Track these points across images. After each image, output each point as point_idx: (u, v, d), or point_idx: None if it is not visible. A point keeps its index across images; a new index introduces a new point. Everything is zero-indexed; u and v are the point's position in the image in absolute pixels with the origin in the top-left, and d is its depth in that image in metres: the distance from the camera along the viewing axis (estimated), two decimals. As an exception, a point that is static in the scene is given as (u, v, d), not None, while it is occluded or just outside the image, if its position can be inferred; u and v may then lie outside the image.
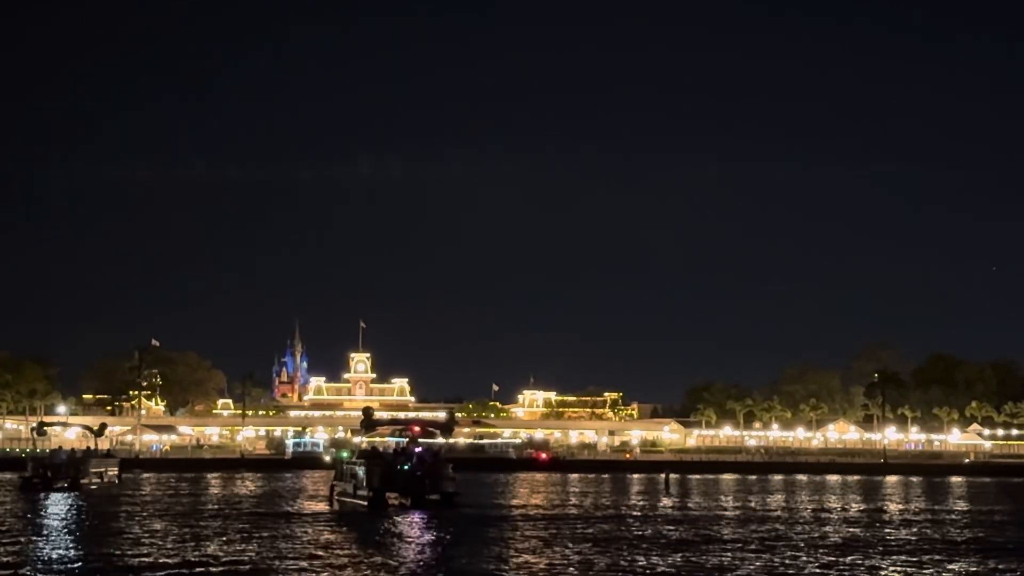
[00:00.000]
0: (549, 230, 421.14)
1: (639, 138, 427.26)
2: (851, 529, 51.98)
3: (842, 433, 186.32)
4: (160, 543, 41.46)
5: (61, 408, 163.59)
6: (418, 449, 64.25)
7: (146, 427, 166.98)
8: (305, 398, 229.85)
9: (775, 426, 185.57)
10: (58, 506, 61.65)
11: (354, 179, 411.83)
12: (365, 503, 59.67)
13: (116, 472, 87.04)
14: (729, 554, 39.90)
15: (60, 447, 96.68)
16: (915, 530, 51.68)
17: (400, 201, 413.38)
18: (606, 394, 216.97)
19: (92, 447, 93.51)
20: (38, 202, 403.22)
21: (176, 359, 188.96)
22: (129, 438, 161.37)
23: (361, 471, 61.34)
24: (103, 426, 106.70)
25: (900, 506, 71.81)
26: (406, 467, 61.40)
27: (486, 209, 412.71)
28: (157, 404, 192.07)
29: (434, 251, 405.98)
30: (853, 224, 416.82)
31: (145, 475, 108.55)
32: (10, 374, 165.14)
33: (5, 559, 36.28)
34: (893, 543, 45.06)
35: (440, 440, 70.72)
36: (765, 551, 40.95)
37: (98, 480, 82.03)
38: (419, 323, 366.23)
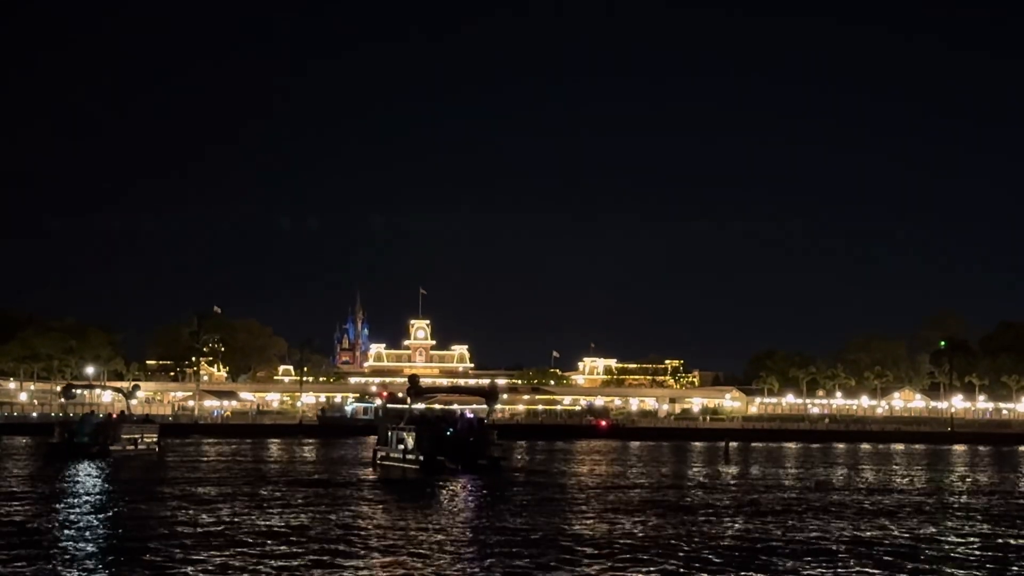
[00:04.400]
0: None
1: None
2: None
3: (907, 401, 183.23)
4: (174, 515, 37.98)
5: (90, 370, 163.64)
6: (469, 415, 65.50)
7: (207, 393, 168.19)
8: (365, 365, 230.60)
9: (839, 394, 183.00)
10: (76, 475, 56.88)
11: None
12: (416, 467, 60.85)
13: (154, 438, 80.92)
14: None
15: (93, 411, 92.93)
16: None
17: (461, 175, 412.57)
18: (667, 361, 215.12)
19: (126, 411, 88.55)
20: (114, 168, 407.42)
21: (237, 326, 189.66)
22: (191, 403, 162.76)
23: (409, 437, 62.55)
24: (135, 387, 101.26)
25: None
26: (449, 432, 63.18)
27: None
28: (219, 370, 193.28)
29: (495, 218, 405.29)
30: (920, 189, 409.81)
31: (207, 440, 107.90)
32: (75, 340, 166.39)
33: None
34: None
35: (483, 406, 71.52)
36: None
37: (131, 447, 76.69)
38: (480, 290, 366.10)
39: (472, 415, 65.86)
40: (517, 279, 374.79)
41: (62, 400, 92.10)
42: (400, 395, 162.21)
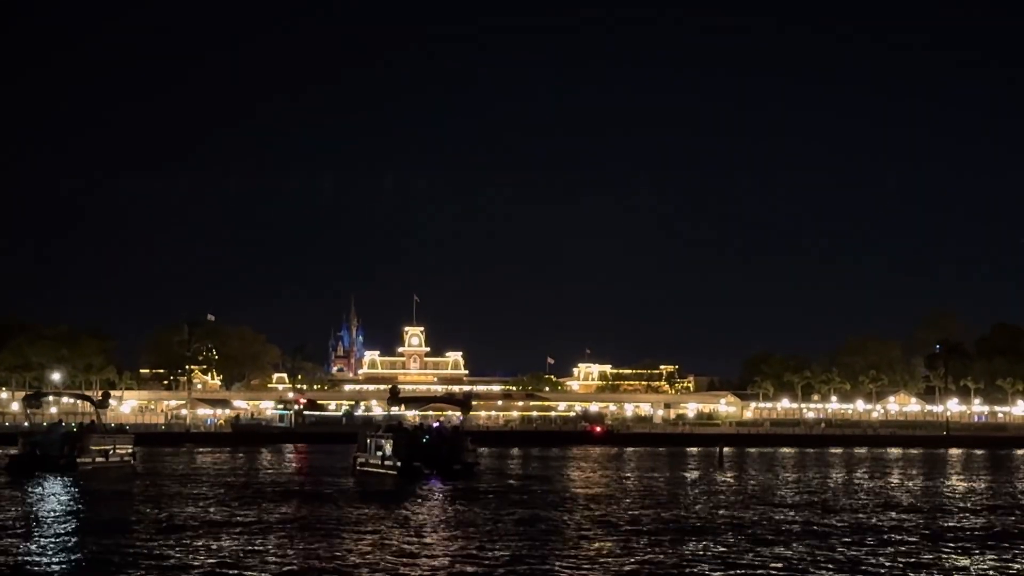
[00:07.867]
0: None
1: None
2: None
3: (903, 405, 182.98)
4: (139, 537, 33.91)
5: (56, 376, 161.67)
6: (436, 424, 68.53)
7: (200, 401, 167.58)
8: (360, 372, 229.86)
9: (834, 398, 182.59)
10: (36, 492, 51.89)
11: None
12: (395, 472, 62.86)
13: (129, 449, 75.10)
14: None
15: (61, 421, 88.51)
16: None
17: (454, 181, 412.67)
18: (662, 367, 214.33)
19: (96, 420, 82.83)
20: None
21: (231, 333, 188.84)
22: (183, 412, 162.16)
23: (387, 444, 64.87)
24: (106, 395, 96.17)
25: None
26: (425, 439, 65.82)
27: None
28: (213, 378, 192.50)
29: (489, 222, 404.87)
30: (916, 193, 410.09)
31: (199, 450, 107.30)
32: (67, 348, 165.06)
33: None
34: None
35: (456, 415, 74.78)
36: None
37: (102, 459, 70.95)
38: (474, 297, 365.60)
39: (447, 423, 67.55)
40: (512, 285, 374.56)
41: (27, 410, 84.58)
42: (319, 402, 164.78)
